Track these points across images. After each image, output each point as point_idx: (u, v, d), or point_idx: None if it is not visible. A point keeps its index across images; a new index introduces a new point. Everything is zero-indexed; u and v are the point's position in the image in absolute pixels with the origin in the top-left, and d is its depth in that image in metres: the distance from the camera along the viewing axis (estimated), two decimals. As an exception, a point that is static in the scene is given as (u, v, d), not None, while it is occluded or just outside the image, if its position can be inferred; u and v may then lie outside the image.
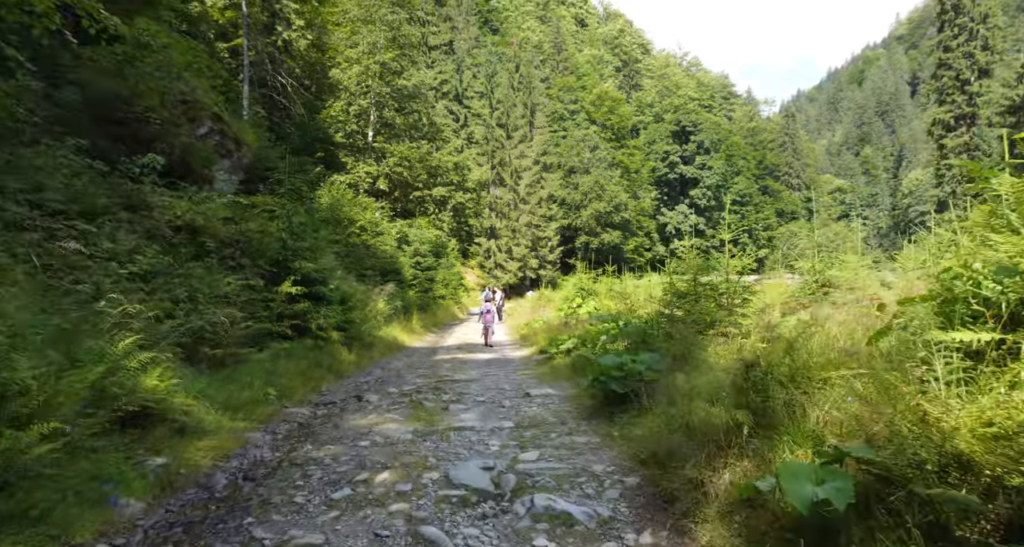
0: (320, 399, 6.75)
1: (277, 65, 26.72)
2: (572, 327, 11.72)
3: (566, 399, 6.25)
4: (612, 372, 4.68)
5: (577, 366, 7.39)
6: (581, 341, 8.07)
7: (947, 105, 56.41)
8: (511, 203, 48.78)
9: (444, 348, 13.74)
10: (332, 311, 9.04)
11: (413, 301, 21.52)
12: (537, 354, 10.45)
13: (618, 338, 6.91)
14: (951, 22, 55.95)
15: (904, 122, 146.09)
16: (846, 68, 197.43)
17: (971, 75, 55.15)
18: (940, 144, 58.29)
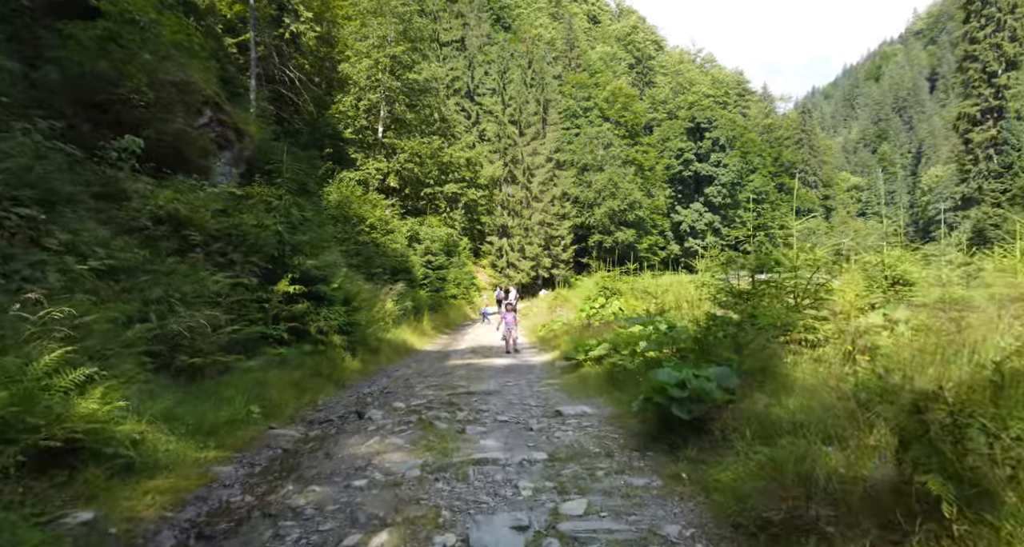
0: (315, 416, 5.84)
1: (285, 59, 25.93)
2: (597, 329, 10.73)
3: (607, 421, 5.22)
4: (671, 391, 3.71)
5: (614, 378, 6.41)
6: (613, 347, 7.09)
7: (973, 98, 54.68)
8: (524, 201, 47.82)
9: (457, 352, 12.83)
10: (334, 312, 8.15)
11: (424, 301, 20.65)
12: (560, 360, 9.48)
13: (663, 345, 5.93)
14: (978, 12, 54.22)
15: (923, 118, 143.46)
16: (862, 64, 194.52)
17: (998, 67, 53.41)
18: (966, 139, 56.51)
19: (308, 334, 7.83)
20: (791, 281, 5.23)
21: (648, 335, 6.37)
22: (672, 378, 3.84)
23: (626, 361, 6.35)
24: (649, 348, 6.09)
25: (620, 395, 5.76)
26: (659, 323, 6.76)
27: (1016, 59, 53.03)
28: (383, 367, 9.38)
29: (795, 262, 5.45)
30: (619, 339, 7.18)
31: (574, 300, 18.59)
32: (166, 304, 5.54)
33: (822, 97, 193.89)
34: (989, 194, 48.45)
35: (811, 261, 5.59)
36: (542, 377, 8.12)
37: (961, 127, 56.71)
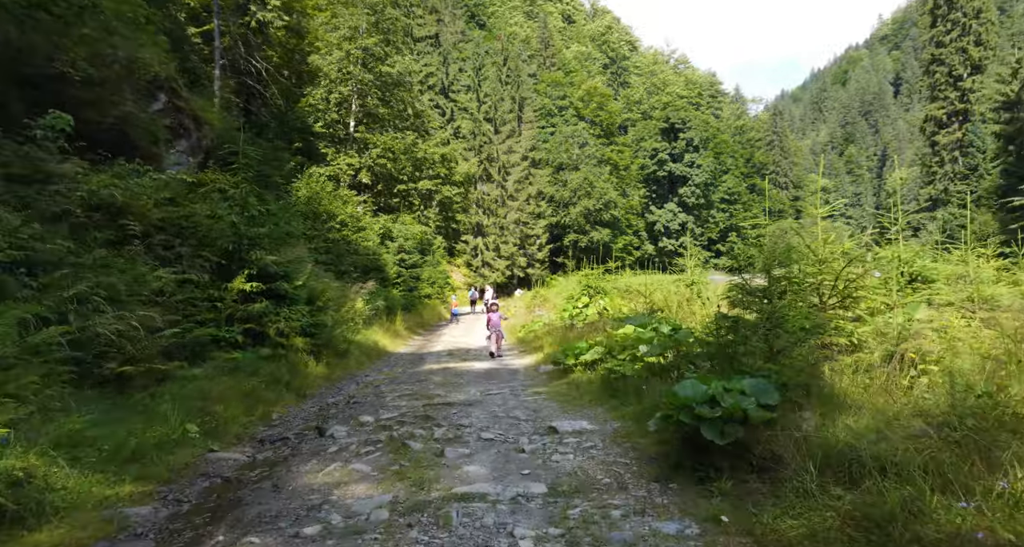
0: (268, 433, 5.04)
1: (252, 49, 24.76)
2: (582, 331, 10.08)
3: (612, 440, 4.44)
4: (699, 409, 3.04)
5: (611, 386, 5.76)
6: (608, 350, 6.42)
7: (939, 101, 55.74)
8: (499, 199, 47.11)
9: (433, 354, 12.01)
10: (297, 312, 7.34)
11: (397, 301, 19.81)
12: (545, 364, 8.81)
13: (666, 349, 5.28)
14: (944, 17, 55.27)
15: (888, 122, 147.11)
16: (830, 68, 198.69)
17: (964, 71, 54.54)
18: (932, 141, 57.59)
19: (266, 336, 7.01)
20: (816, 277, 4.60)
21: (649, 338, 5.70)
22: (698, 393, 3.17)
23: (624, 367, 5.69)
24: (651, 352, 5.43)
25: (621, 406, 5.08)
26: (659, 324, 6.11)
27: (981, 63, 54.22)
28: (351, 372, 8.54)
29: (821, 255, 4.85)
30: (613, 342, 6.51)
31: (553, 300, 17.95)
32: (91, 303, 4.69)
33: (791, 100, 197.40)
34: (955, 195, 49.35)
35: (839, 253, 4.99)
36: (527, 384, 7.40)
37: (928, 129, 57.78)
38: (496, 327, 11.45)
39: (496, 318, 11.54)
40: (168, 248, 6.75)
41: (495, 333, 11.38)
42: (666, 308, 9.17)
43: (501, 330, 11.60)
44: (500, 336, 11.47)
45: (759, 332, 3.78)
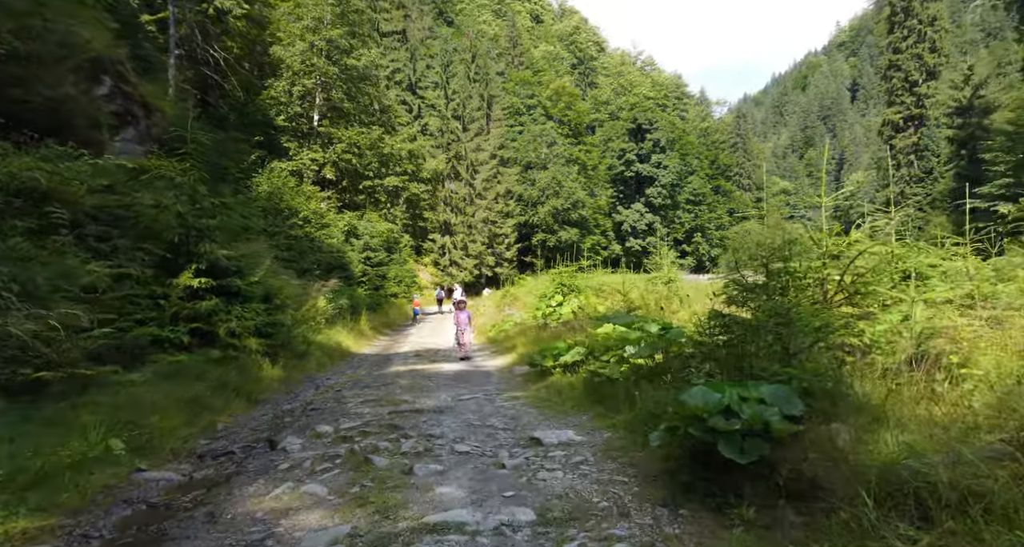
0: (211, 446, 4.44)
1: (210, 38, 23.69)
2: (556, 330, 9.66)
3: (604, 453, 3.92)
4: (713, 421, 2.62)
5: (596, 391, 5.33)
6: (589, 351, 5.99)
7: (896, 106, 57.31)
8: (467, 198, 46.50)
9: (399, 355, 11.36)
10: (251, 311, 6.72)
11: (362, 300, 19.14)
12: (520, 365, 8.34)
13: (657, 350, 4.86)
14: (901, 24, 56.87)
15: (845, 126, 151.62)
16: (790, 73, 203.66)
17: (919, 76, 56.19)
18: (890, 144, 59.27)
19: (216, 337, 6.37)
20: (820, 270, 4.23)
21: (636, 338, 5.28)
22: (711, 402, 2.74)
23: (609, 369, 5.24)
24: (640, 354, 5.02)
25: (610, 414, 4.60)
26: (647, 323, 5.70)
27: (935, 69, 55.95)
28: (311, 375, 7.90)
29: (826, 247, 4.49)
30: (595, 342, 6.08)
31: (524, 298, 17.51)
32: (0, 300, 4.05)
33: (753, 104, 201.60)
34: (912, 198, 50.78)
35: (844, 244, 4.65)
36: (503, 388, 6.91)
37: (885, 133, 59.42)
38: (464, 326, 10.79)
39: (464, 317, 10.87)
40: (104, 240, 6.06)
41: (463, 333, 10.72)
42: (644, 307, 8.82)
43: (470, 330, 10.99)
44: (466, 333, 10.80)
45: (769, 331, 3.38)
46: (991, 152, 38.12)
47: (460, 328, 10.79)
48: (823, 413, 2.83)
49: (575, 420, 5.00)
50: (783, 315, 3.37)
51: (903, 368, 3.28)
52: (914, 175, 55.71)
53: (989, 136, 41.87)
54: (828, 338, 3.33)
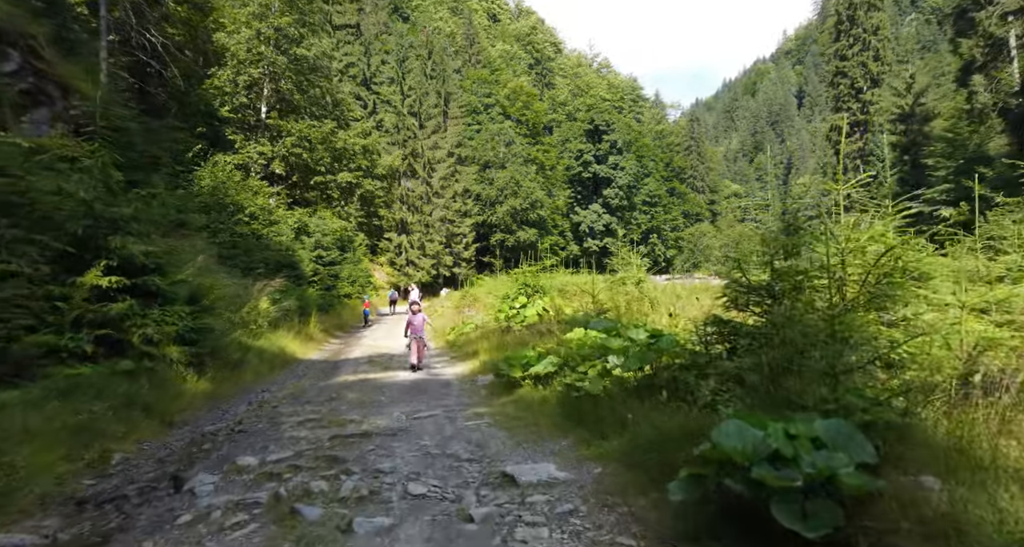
0: (96, 488, 3.57)
1: (145, 22, 22.10)
2: (521, 334, 9.00)
3: (598, 498, 3.14)
4: (758, 471, 2.04)
5: (575, 408, 4.58)
6: (564, 361, 5.31)
7: (843, 112, 59.19)
8: (424, 196, 45.50)
9: (349, 362, 10.45)
10: (172, 314, 5.80)
11: (312, 300, 18.09)
12: (484, 374, 7.58)
13: (644, 362, 4.20)
14: (846, 32, 58.79)
15: (793, 132, 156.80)
16: (740, 79, 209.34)
17: (864, 84, 58.16)
18: (836, 149, 61.17)
19: (129, 345, 5.44)
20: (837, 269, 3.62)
21: (620, 347, 4.61)
22: (752, 442, 2.00)
23: (589, 383, 4.52)
24: (627, 366, 4.35)
25: (596, 440, 3.85)
26: (632, 329, 5.05)
27: (879, 77, 58.00)
28: (246, 387, 6.96)
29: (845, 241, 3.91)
30: (570, 350, 5.40)
31: (484, 299, 16.80)
32: None
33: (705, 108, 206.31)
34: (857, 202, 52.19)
35: (866, 237, 4.12)
36: (465, 403, 6.09)
37: (833, 138, 61.28)
38: (419, 332, 9.41)
39: (419, 320, 9.50)
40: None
41: (416, 340, 9.32)
42: (614, 309, 8.25)
43: (425, 336, 9.56)
44: (423, 344, 9.42)
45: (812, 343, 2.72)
46: (933, 158, 39.43)
47: (414, 334, 9.42)
48: (895, 458, 2.18)
49: (553, 446, 4.24)
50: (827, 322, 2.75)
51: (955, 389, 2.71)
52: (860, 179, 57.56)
53: (930, 142, 43.46)
54: (893, 352, 2.74)
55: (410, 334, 9.51)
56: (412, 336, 9.44)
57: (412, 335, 9.46)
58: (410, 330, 9.53)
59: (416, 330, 9.47)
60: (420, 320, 9.58)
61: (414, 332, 9.45)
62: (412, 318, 9.62)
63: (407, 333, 9.47)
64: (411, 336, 9.46)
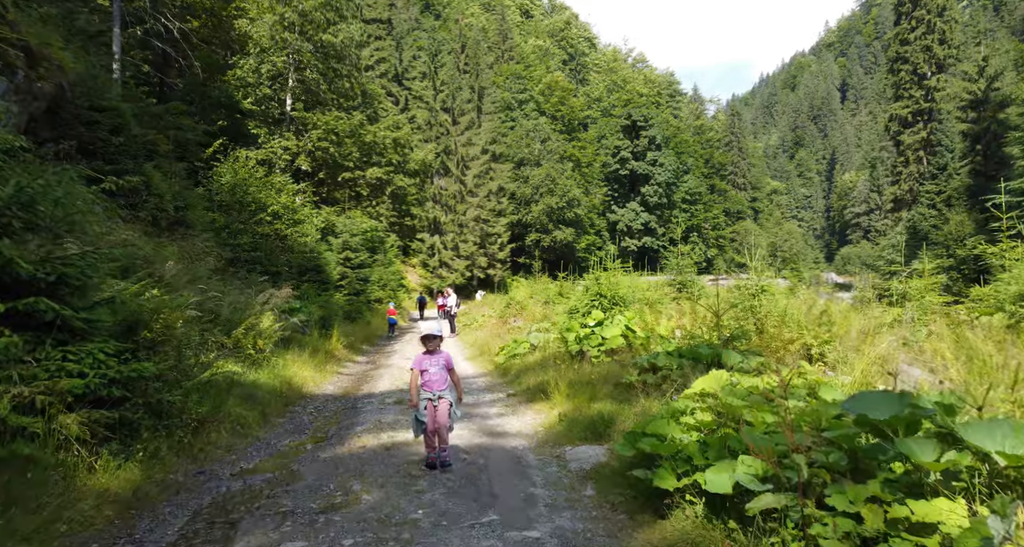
0: None
1: (160, 6, 20.40)
2: (605, 366, 6.55)
3: None
4: None
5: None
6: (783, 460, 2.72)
7: (904, 100, 55.04)
8: (457, 195, 43.33)
9: (372, 402, 7.43)
10: (84, 358, 3.58)
11: (337, 308, 16.05)
12: (571, 440, 4.92)
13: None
14: (908, 14, 54.62)
15: (836, 126, 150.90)
16: (779, 74, 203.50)
17: (928, 69, 53.94)
18: (896, 140, 56.98)
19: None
20: None
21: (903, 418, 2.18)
22: None
23: None
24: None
25: None
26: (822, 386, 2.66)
27: (945, 62, 53.70)
28: (202, 465, 4.36)
29: None
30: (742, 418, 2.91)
31: (532, 308, 14.44)
32: None
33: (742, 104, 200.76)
34: (924, 196, 48.25)
35: None
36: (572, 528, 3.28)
37: (892, 129, 57.10)
38: (436, 387, 4.84)
39: (437, 370, 4.89)
40: None
41: (433, 408, 4.75)
42: (742, 332, 5.74)
43: (452, 400, 4.89)
44: (447, 421, 4.79)
45: None
46: (1019, 145, 35.70)
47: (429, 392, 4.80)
48: None
49: None
50: None
51: None
52: (924, 172, 53.38)
53: (1006, 130, 39.59)
54: None
55: (423, 393, 4.78)
56: (427, 396, 4.76)
57: (427, 395, 4.77)
58: (423, 385, 4.84)
59: (433, 385, 4.82)
60: (440, 369, 4.89)
61: (428, 388, 4.81)
62: (424, 362, 4.90)
63: (417, 391, 4.81)
64: (425, 397, 4.76)
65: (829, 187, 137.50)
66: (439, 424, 4.71)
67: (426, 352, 4.96)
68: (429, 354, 4.94)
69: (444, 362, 4.95)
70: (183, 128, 14.90)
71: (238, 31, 23.90)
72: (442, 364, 4.93)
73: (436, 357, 4.95)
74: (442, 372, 4.89)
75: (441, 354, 4.98)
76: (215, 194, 16.76)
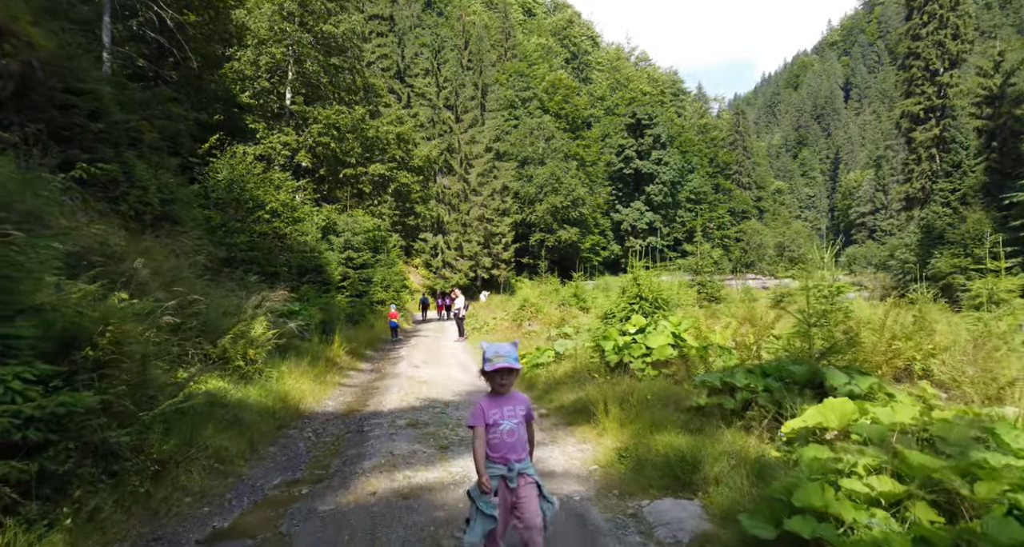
0: None
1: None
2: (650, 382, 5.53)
3: None
4: None
5: None
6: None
7: (916, 97, 53.94)
8: (461, 194, 42.37)
9: (381, 423, 6.28)
10: None
11: (339, 311, 15.09)
12: (644, 490, 3.78)
13: None
14: (920, 8, 53.53)
15: (839, 125, 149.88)
16: (781, 73, 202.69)
17: (941, 65, 52.83)
18: (908, 138, 55.87)
19: None
20: None
21: None
22: None
23: None
24: None
25: None
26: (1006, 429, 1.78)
27: (958, 57, 52.60)
28: (152, 541, 3.17)
29: None
30: None
31: (548, 311, 13.42)
32: None
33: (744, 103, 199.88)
34: (939, 194, 47.16)
35: None
36: None
37: (904, 126, 55.99)
38: (517, 451, 2.96)
39: (514, 428, 2.97)
40: None
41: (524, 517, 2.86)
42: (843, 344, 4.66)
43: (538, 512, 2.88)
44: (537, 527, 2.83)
45: None
46: (1037, 142, 34.57)
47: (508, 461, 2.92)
48: None
49: None
50: None
51: None
52: (936, 170, 52.29)
53: (1023, 126, 38.59)
54: None
55: (492, 467, 2.92)
56: (498, 471, 2.91)
57: (498, 470, 2.91)
58: (491, 451, 2.96)
59: (508, 451, 2.96)
60: (518, 424, 3.00)
61: (500, 457, 2.94)
62: (493, 412, 2.96)
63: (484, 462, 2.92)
64: (496, 473, 2.91)
65: (833, 187, 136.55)
66: (527, 525, 2.80)
67: (493, 394, 2.98)
68: (497, 398, 2.96)
69: (524, 411, 3.00)
70: (173, 117, 13.88)
71: (236, 22, 22.94)
72: (520, 415, 2.98)
73: (510, 404, 2.97)
74: (520, 428, 2.97)
75: (517, 398, 3.03)
76: (211, 191, 15.84)
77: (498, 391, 2.94)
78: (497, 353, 2.85)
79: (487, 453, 2.91)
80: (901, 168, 58.63)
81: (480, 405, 2.95)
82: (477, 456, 2.86)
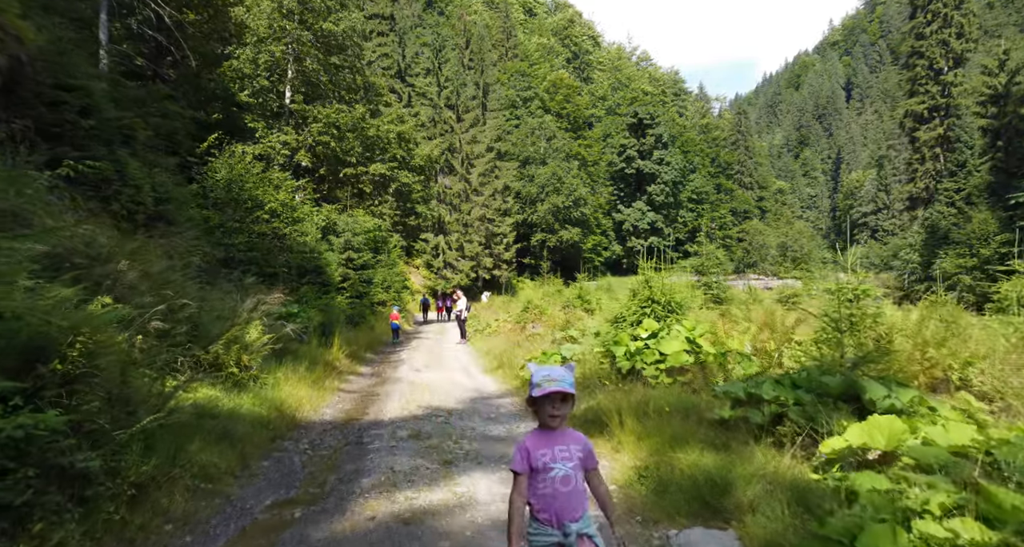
0: None
1: (148, -9, 19.09)
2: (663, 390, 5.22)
3: None
4: None
5: None
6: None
7: (920, 96, 53.64)
8: (462, 194, 42.07)
9: (381, 433, 5.97)
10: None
11: (339, 313, 14.81)
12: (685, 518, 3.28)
13: None
14: (924, 7, 53.19)
15: (841, 125, 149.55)
16: (782, 73, 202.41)
17: (945, 64, 52.50)
18: (912, 137, 55.53)
19: None
20: None
21: None
22: None
23: None
24: None
25: None
26: None
27: (963, 56, 52.28)
28: None
29: None
30: None
31: (552, 312, 13.12)
32: None
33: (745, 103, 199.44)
34: (943, 193, 46.83)
35: None
36: None
37: (908, 125, 55.68)
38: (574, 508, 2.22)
39: (569, 475, 2.23)
40: None
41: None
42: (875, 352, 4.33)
43: None
44: None
45: None
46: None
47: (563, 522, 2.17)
48: None
49: None
50: None
51: None
52: (940, 169, 51.98)
53: (1030, 125, 38.33)
54: None
55: (538, 531, 2.21)
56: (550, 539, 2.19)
57: (550, 536, 2.19)
58: (536, 511, 2.23)
59: (562, 507, 2.21)
60: (574, 469, 2.25)
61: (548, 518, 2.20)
62: (541, 454, 2.23)
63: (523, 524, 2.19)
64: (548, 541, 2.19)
65: (835, 186, 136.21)
66: None
67: (541, 428, 2.30)
68: (547, 434, 2.28)
69: (580, 453, 2.29)
70: (169, 115, 13.59)
71: (235, 20, 22.68)
72: (577, 458, 2.26)
73: (563, 443, 2.27)
74: (577, 475, 2.26)
75: (572, 436, 2.32)
76: (210, 190, 15.60)
77: (547, 425, 2.25)
78: (548, 376, 2.18)
79: (532, 512, 2.20)
80: (904, 168, 58.38)
81: (524, 444, 2.23)
82: (512, 515, 2.13)
